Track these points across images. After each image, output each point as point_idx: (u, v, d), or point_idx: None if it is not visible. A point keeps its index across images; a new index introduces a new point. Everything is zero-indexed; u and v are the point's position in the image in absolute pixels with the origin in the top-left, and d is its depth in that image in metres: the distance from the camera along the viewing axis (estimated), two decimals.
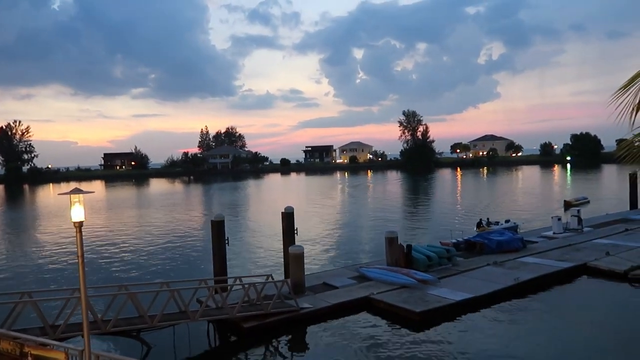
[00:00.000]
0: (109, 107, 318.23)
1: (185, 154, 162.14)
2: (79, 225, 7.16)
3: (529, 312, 14.67)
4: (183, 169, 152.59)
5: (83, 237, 7.22)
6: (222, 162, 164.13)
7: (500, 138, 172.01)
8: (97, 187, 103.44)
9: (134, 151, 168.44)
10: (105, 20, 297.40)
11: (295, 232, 19.01)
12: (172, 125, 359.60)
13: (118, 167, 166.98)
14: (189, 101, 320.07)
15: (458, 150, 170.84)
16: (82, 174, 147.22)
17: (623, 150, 6.59)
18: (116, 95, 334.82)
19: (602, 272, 17.99)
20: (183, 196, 73.43)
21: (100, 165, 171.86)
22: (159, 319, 12.34)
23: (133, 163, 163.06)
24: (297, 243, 17.70)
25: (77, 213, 7.16)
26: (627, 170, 37.24)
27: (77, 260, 7.24)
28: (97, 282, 19.37)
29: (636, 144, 6.47)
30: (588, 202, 41.45)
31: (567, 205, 39.02)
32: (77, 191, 7.17)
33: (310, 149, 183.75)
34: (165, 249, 27.79)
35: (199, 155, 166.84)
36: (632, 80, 6.15)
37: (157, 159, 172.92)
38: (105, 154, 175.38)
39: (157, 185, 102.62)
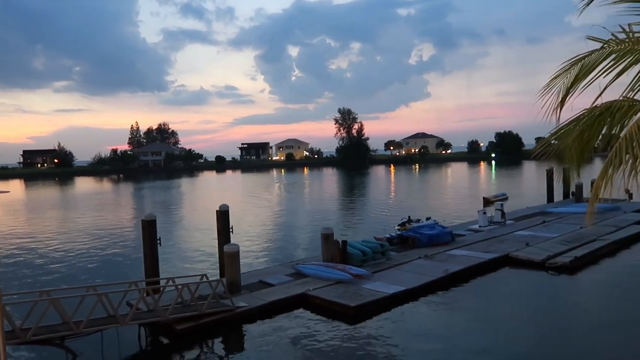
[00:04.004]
0: (29, 101, 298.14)
1: (114, 151, 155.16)
2: None
3: (458, 301, 15.37)
4: (111, 166, 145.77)
5: None
6: (154, 160, 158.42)
7: (431, 136, 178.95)
8: (14, 186, 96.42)
9: (57, 148, 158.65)
10: (23, 8, 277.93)
11: (231, 230, 18.72)
12: (100, 121, 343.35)
13: (39, 165, 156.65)
14: (117, 96, 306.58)
15: (391, 148, 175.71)
16: None
17: (540, 148, 7.01)
18: (37, 88, 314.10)
19: (523, 262, 19.18)
20: (112, 195, 70.15)
21: (19, 163, 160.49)
22: (85, 324, 11.70)
23: (56, 161, 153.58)
24: (232, 241, 17.43)
25: None
26: (545, 167, 39.85)
27: None
28: (15, 289, 18.06)
29: (552, 142, 6.89)
30: (506, 198, 42.85)
31: (486, 202, 40.16)
32: None
33: (246, 146, 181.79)
34: (92, 252, 26.40)
35: (129, 152, 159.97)
36: (553, 80, 6.55)
37: (83, 157, 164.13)
38: (24, 151, 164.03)
39: (83, 184, 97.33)
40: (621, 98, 6.00)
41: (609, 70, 5.97)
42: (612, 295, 15.88)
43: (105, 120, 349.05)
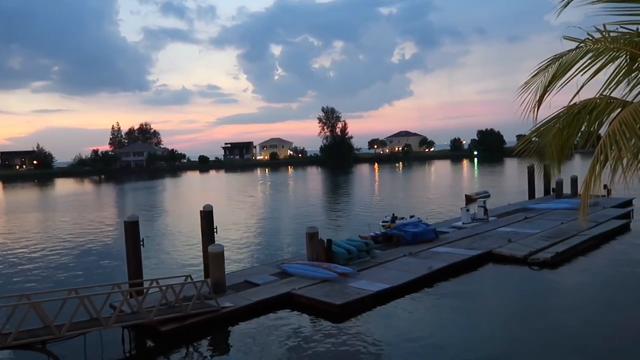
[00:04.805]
0: (6, 102, 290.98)
1: (95, 151, 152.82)
2: None
3: (443, 297, 15.53)
4: (93, 167, 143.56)
5: None
6: (136, 160, 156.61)
7: (414, 134, 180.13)
8: None
9: (36, 149, 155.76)
10: None
11: (215, 230, 18.62)
12: (80, 121, 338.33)
13: (18, 167, 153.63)
14: (97, 96, 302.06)
15: (375, 146, 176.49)
16: None
17: (521, 145, 7.10)
18: (14, 88, 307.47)
19: (505, 258, 19.44)
20: (93, 197, 69.17)
21: None
22: (67, 328, 11.53)
23: (35, 162, 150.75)
24: (217, 242, 17.35)
25: None
26: (526, 163, 40.36)
27: None
28: None
29: (533, 139, 7.00)
30: (488, 195, 42.66)
31: (468, 199, 40.32)
32: None
33: (229, 145, 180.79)
34: (73, 254, 26.00)
35: (110, 153, 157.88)
36: (532, 79, 6.66)
37: (63, 158, 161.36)
38: (2, 153, 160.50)
39: (64, 186, 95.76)
40: (598, 96, 6.13)
41: (585, 69, 6.09)
42: (592, 289, 16.22)
43: (85, 121, 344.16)
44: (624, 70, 6.09)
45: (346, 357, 11.47)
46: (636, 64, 6.03)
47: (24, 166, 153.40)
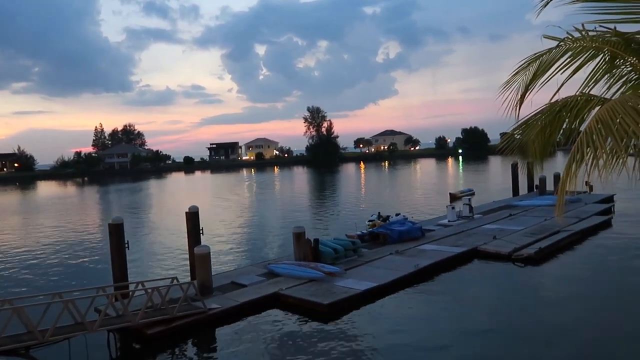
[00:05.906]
0: None
1: (78, 153, 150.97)
2: None
3: (429, 295, 15.65)
4: (75, 169, 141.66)
5: None
6: (120, 162, 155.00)
7: (400, 133, 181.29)
8: None
9: (16, 151, 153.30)
10: None
11: (201, 232, 18.49)
12: (62, 123, 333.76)
13: None
14: (80, 97, 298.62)
15: (361, 145, 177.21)
16: None
17: (504, 142, 7.19)
18: None
19: (490, 255, 19.65)
20: (76, 199, 68.24)
21: None
22: (51, 333, 11.37)
23: (16, 165, 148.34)
24: (203, 243, 17.23)
25: None
26: (510, 161, 40.71)
27: None
28: None
29: (516, 136, 7.08)
30: (473, 193, 41.95)
31: (453, 197, 40.37)
32: None
33: (215, 146, 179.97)
34: (57, 258, 25.63)
35: (93, 154, 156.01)
36: (513, 77, 6.75)
37: (45, 160, 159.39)
38: None
39: (46, 188, 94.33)
40: (578, 94, 6.24)
41: (565, 67, 6.20)
42: (575, 283, 16.46)
43: (67, 122, 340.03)
44: (603, 68, 6.20)
45: (334, 357, 11.48)
46: (615, 62, 6.15)
47: (4, 169, 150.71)
